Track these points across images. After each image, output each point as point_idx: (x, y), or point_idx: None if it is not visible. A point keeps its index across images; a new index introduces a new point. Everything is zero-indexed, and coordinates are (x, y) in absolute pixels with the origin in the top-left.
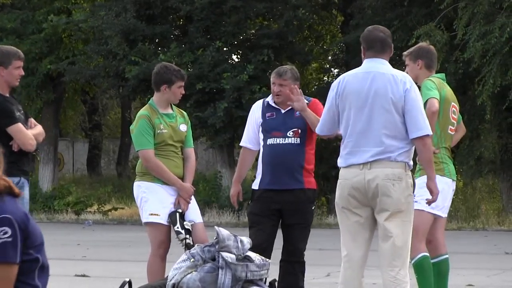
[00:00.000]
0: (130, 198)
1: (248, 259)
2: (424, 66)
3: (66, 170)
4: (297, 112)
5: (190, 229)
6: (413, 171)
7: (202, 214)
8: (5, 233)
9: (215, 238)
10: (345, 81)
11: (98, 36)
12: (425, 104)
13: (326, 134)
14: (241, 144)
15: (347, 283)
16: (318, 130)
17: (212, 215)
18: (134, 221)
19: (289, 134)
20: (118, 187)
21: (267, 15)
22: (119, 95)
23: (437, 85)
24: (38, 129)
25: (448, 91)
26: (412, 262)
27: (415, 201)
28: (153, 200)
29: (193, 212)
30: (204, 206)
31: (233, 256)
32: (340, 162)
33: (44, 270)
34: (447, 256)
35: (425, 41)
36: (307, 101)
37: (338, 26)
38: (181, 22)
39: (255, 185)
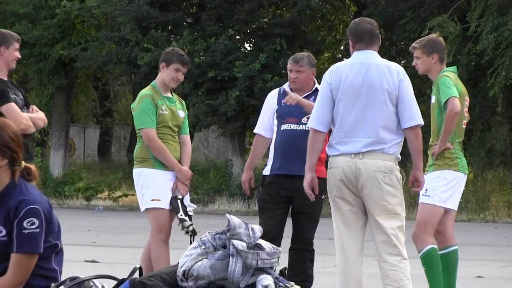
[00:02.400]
0: None
1: (259, 247)
2: (438, 59)
3: (77, 156)
4: (312, 98)
5: (193, 214)
6: (400, 163)
7: (213, 202)
8: (33, 223)
9: (226, 225)
10: (339, 72)
11: (110, 22)
12: (445, 102)
13: (322, 128)
14: (255, 131)
15: (347, 274)
16: (311, 123)
17: (223, 203)
18: None
19: (304, 120)
20: (128, 174)
21: (280, 4)
22: (131, 81)
23: (454, 80)
24: (39, 114)
25: (462, 85)
26: (420, 254)
27: (427, 195)
28: (154, 187)
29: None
30: (214, 194)
31: (244, 244)
32: (330, 150)
33: (60, 253)
34: (456, 247)
35: (437, 33)
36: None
37: (351, 16)
38: (194, 10)
39: (266, 171)
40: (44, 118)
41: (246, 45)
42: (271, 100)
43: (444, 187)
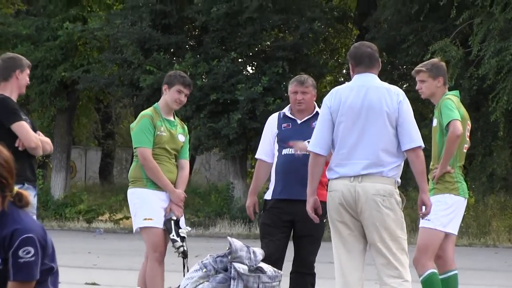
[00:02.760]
0: None
1: (260, 270)
2: (443, 83)
3: (78, 178)
4: (314, 123)
5: (186, 236)
6: (401, 187)
7: (214, 225)
8: (28, 252)
9: (227, 248)
10: (339, 95)
11: (113, 44)
12: (447, 125)
13: (322, 152)
14: (256, 156)
15: None
16: (313, 147)
17: (224, 226)
18: None
19: (308, 143)
20: None
21: (283, 27)
22: (133, 104)
23: (456, 104)
24: (46, 139)
25: (464, 110)
26: (421, 278)
27: (428, 219)
28: (146, 206)
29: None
30: (216, 216)
31: (245, 267)
32: (329, 174)
33: (55, 274)
34: (456, 272)
35: (439, 57)
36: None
37: (354, 40)
38: (196, 32)
39: (268, 195)
40: (51, 144)
41: (249, 68)
42: (271, 124)
43: (445, 211)
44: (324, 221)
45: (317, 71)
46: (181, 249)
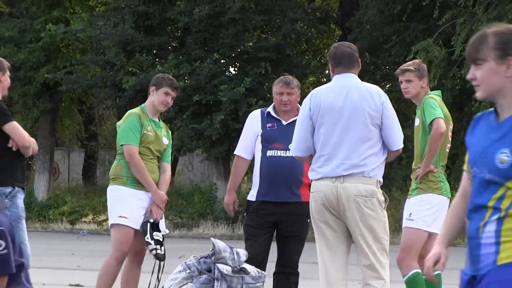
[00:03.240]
0: None
1: (243, 271)
2: (427, 84)
3: (62, 179)
4: None
5: (161, 239)
6: (384, 187)
7: (197, 226)
8: (0, 245)
9: (211, 249)
10: (319, 96)
11: (95, 46)
12: (430, 123)
13: (303, 155)
14: (236, 152)
15: None
16: (294, 151)
17: (207, 227)
18: None
19: (290, 146)
20: None
21: (265, 28)
22: (116, 105)
23: (439, 103)
24: (32, 139)
25: (446, 110)
26: (405, 278)
27: (411, 219)
28: (122, 204)
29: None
30: (199, 218)
31: (229, 268)
32: (312, 174)
33: (26, 271)
34: (439, 271)
35: (422, 57)
36: None
37: (336, 40)
38: (179, 34)
39: (252, 197)
40: (36, 144)
41: (231, 69)
42: (253, 122)
43: (428, 211)
44: (308, 221)
45: (300, 72)
46: (154, 252)
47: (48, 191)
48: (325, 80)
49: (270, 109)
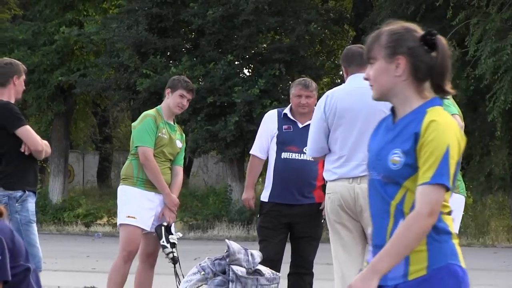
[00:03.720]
0: None
1: (258, 272)
2: None
3: (76, 182)
4: None
5: (176, 242)
6: None
7: (212, 228)
8: None
9: (225, 251)
10: (335, 98)
11: (109, 48)
12: None
13: (318, 155)
14: (251, 152)
15: None
16: (310, 151)
17: (222, 229)
18: None
19: (306, 150)
20: None
21: (279, 30)
22: (130, 107)
23: (451, 100)
24: (45, 142)
25: (458, 108)
26: None
27: None
28: (131, 204)
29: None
30: (214, 219)
31: (244, 270)
32: (327, 175)
33: (34, 274)
34: None
35: None
36: None
37: (350, 41)
38: (192, 36)
39: (264, 198)
40: (49, 146)
41: (245, 71)
42: (269, 122)
43: None
44: (322, 221)
45: (314, 73)
46: (171, 255)
47: (63, 194)
48: (339, 81)
49: (287, 110)
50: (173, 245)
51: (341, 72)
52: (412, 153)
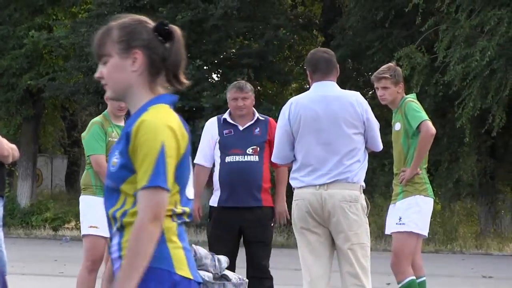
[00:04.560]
0: None
1: (225, 278)
2: (402, 88)
3: (45, 186)
4: (256, 130)
5: None
6: (367, 194)
7: None
8: None
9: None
10: (299, 106)
11: (78, 52)
12: (418, 126)
13: (283, 162)
14: (195, 161)
15: None
16: (274, 158)
17: (190, 234)
18: None
19: (249, 151)
20: None
21: (248, 35)
22: (99, 112)
23: (420, 106)
24: (13, 145)
25: (425, 113)
26: (400, 285)
27: (402, 223)
28: (93, 213)
29: None
30: None
31: (210, 275)
32: (294, 183)
33: (1, 277)
34: (424, 278)
35: (405, 63)
36: (262, 118)
37: (319, 47)
38: None
39: (213, 202)
40: (17, 150)
41: (214, 76)
42: (210, 129)
43: (418, 214)
44: (272, 225)
45: (283, 78)
46: None
47: (31, 198)
48: (307, 86)
49: (226, 115)
50: None
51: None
52: (125, 153)
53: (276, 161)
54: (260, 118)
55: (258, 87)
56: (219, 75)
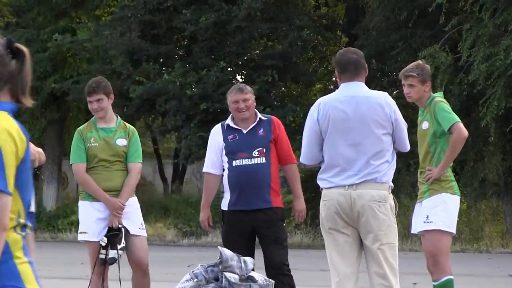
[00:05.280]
0: None
1: (251, 279)
2: (430, 87)
3: (70, 189)
4: (260, 130)
5: (104, 244)
6: (393, 193)
7: (206, 234)
8: None
9: (218, 258)
10: (327, 106)
11: (102, 55)
12: (450, 128)
13: (312, 163)
14: (204, 170)
15: None
16: (303, 159)
17: (216, 235)
18: None
19: (255, 154)
20: None
21: (272, 36)
22: (123, 114)
23: (449, 107)
24: (39, 149)
25: None
26: (436, 283)
27: (430, 222)
28: (82, 219)
29: (132, 224)
30: None
31: (237, 277)
32: (322, 183)
33: None
34: (451, 277)
35: (429, 63)
36: (265, 118)
37: (343, 47)
38: (185, 42)
39: (224, 206)
40: (43, 154)
41: (238, 77)
42: (216, 136)
43: (445, 211)
44: (284, 225)
45: (307, 79)
46: (102, 255)
47: (57, 201)
48: (332, 87)
49: (229, 121)
50: (103, 247)
51: (334, 78)
52: None
53: (305, 162)
54: (263, 118)
55: (282, 88)
56: (243, 77)
